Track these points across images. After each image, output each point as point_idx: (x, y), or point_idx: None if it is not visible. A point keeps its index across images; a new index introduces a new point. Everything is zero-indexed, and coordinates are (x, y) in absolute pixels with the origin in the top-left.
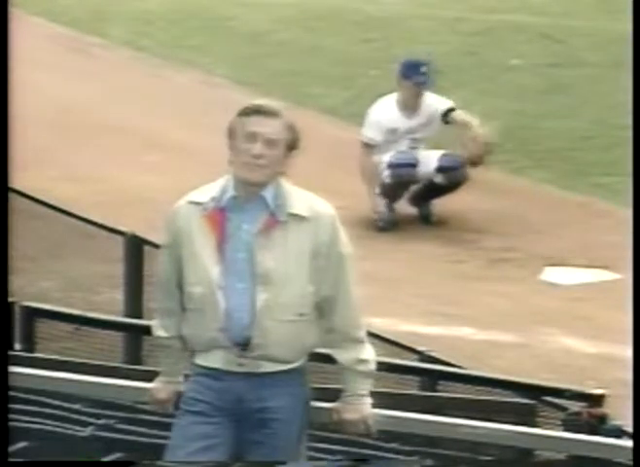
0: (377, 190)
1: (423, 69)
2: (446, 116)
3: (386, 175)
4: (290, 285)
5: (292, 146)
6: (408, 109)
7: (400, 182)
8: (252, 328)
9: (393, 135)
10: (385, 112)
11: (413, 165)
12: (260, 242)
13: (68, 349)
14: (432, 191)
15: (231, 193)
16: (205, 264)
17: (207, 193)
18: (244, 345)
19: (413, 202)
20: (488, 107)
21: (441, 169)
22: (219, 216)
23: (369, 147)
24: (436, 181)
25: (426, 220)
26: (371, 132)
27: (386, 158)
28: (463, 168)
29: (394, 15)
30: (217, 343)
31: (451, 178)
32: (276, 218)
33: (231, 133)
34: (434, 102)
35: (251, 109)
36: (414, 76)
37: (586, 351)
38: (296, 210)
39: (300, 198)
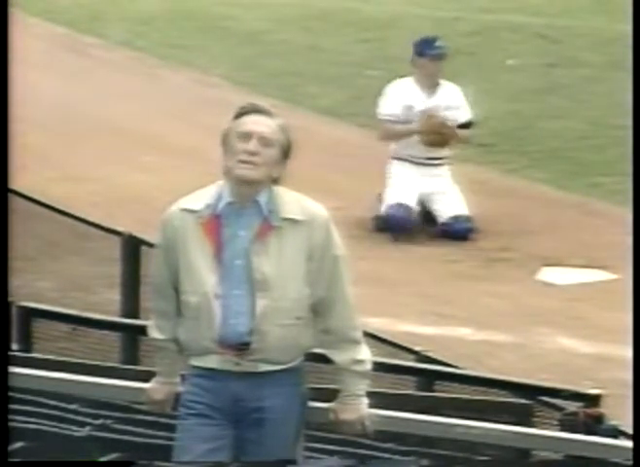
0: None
1: (437, 43)
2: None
3: (382, 220)
4: (287, 289)
5: (286, 151)
6: (427, 88)
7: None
8: (250, 334)
9: (409, 113)
10: (403, 88)
11: (409, 220)
12: (256, 248)
13: (65, 349)
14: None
15: (226, 199)
16: (201, 273)
17: (200, 200)
18: (241, 349)
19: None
20: (485, 107)
21: (444, 231)
22: (215, 223)
23: (388, 124)
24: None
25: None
26: (388, 109)
27: (386, 202)
28: (471, 228)
29: (391, 15)
30: (212, 351)
31: (455, 237)
32: (270, 223)
33: (225, 138)
34: (458, 94)
35: (247, 108)
36: (430, 51)
37: (583, 351)
38: (289, 214)
39: (292, 202)
